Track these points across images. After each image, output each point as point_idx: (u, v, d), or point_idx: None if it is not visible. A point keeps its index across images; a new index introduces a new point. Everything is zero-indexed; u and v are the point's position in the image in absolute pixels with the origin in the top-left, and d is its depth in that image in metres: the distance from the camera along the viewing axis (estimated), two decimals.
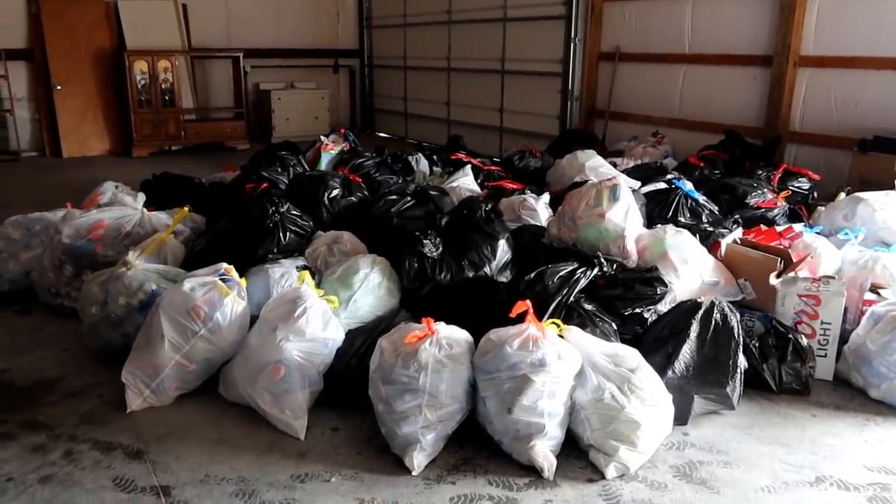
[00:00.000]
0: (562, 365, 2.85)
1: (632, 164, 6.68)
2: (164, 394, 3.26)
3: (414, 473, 2.80)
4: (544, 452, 2.82)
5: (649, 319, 3.55)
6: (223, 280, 3.31)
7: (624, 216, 4.03)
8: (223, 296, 3.23)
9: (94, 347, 3.73)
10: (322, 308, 3.29)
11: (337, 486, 2.73)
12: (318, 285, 3.64)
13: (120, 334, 3.58)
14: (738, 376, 3.24)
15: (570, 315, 3.35)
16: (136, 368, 3.25)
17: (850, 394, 3.56)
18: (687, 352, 3.26)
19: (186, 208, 4.54)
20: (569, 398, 2.92)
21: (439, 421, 2.87)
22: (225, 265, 3.40)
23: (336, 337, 3.27)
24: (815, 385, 3.56)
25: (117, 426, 3.11)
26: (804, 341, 3.56)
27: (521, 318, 2.98)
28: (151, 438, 3.02)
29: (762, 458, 2.99)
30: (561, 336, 3.04)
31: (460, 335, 3.03)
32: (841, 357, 3.69)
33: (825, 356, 3.68)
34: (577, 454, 2.95)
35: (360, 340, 3.41)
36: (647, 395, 2.89)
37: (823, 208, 5.20)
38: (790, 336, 3.55)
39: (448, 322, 3.11)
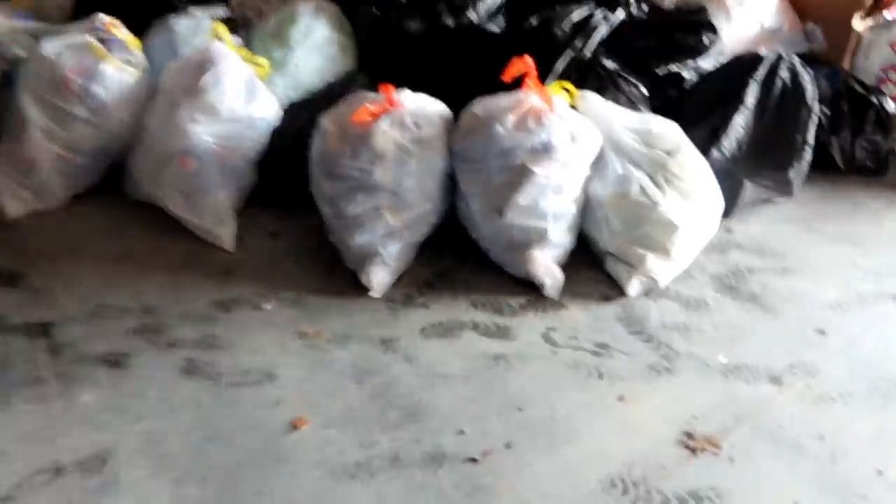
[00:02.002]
0: (574, 149, 2.03)
1: None
2: (50, 194, 2.48)
3: (374, 295, 2.12)
4: (546, 264, 2.12)
5: (689, 80, 2.66)
6: (101, 40, 2.36)
7: None
8: (99, 60, 2.31)
9: None
10: (245, 75, 2.39)
11: (272, 315, 2.07)
12: (249, 45, 2.69)
13: None
14: (807, 156, 2.45)
15: (586, 76, 2.47)
16: (7, 165, 2.43)
17: None
18: (740, 124, 2.44)
19: None
20: (581, 193, 2.15)
21: (405, 227, 2.13)
22: (103, 17, 2.43)
23: (267, 114, 2.41)
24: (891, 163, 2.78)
25: None
26: (891, 106, 2.70)
27: (518, 84, 2.10)
28: (34, 256, 2.30)
29: (828, 263, 2.30)
30: (573, 107, 2.19)
31: (433, 109, 2.18)
32: None
33: None
34: (589, 263, 2.26)
35: (304, 117, 2.55)
36: (689, 186, 2.12)
37: None
38: (872, 99, 2.69)
39: (418, 90, 2.23)
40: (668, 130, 2.18)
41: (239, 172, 2.38)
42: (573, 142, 2.02)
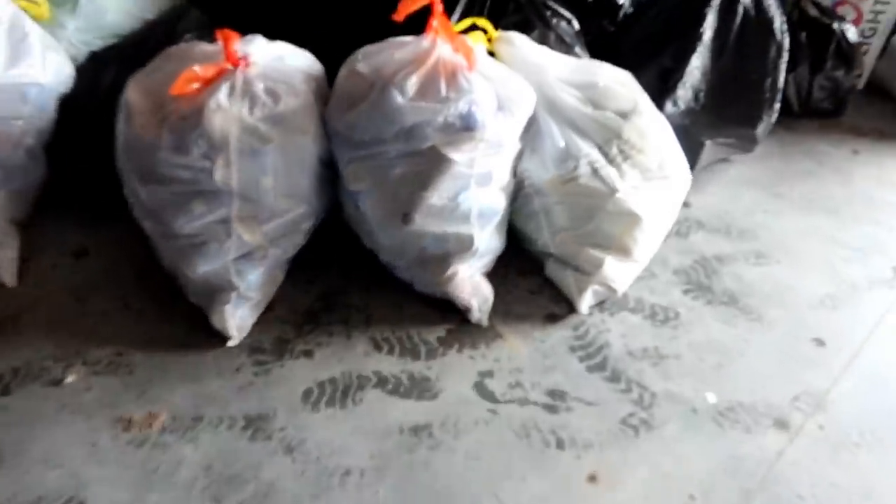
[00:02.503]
0: (505, 121, 1.43)
1: None
2: None
3: (232, 343, 1.48)
4: (472, 282, 1.55)
5: (626, 9, 2.09)
6: None
7: None
8: None
9: None
10: (5, 17, 1.58)
11: (77, 393, 1.39)
12: None
13: None
14: (776, 105, 1.97)
15: (503, 9, 1.83)
16: None
17: (892, 111, 2.43)
18: (697, 67, 1.92)
19: None
20: (512, 176, 1.57)
21: (269, 242, 1.47)
22: None
23: (47, 76, 1.63)
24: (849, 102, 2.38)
25: None
26: (852, 33, 2.27)
27: (419, 25, 1.45)
28: None
29: (805, 240, 1.88)
30: (491, 54, 1.58)
31: (297, 68, 1.49)
32: (885, 54, 2.48)
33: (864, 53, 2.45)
34: (524, 268, 1.71)
35: (111, 74, 1.78)
36: (651, 159, 1.58)
37: None
38: (833, 26, 2.24)
39: (275, 36, 1.54)
40: (618, 83, 1.62)
41: (12, 166, 1.61)
42: (503, 110, 1.41)
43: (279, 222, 1.46)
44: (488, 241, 1.54)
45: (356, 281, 1.64)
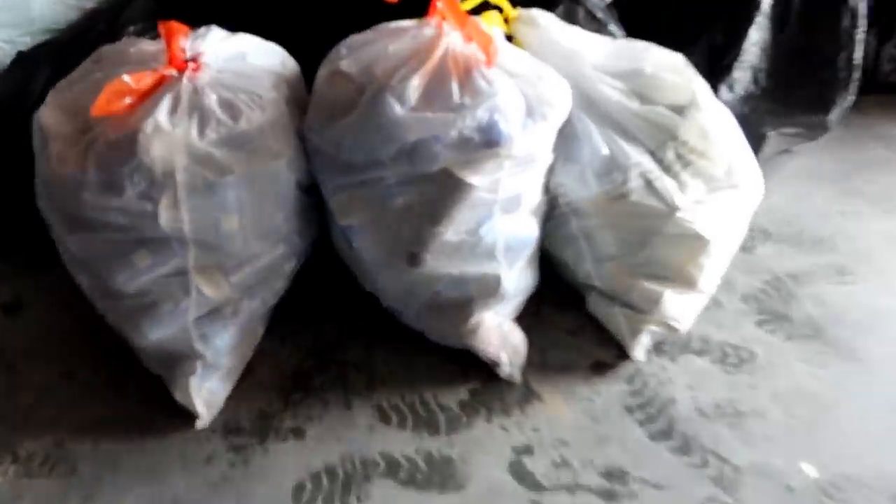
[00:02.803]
0: (536, 130, 1.10)
1: None
2: None
3: (200, 425, 1.17)
4: (500, 331, 1.23)
5: None
6: None
7: None
8: None
9: None
10: None
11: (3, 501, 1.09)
12: None
13: None
14: (853, 85, 1.63)
15: None
16: None
17: None
18: (755, 43, 1.58)
19: None
20: (543, 194, 1.25)
21: (242, 293, 1.16)
22: None
23: None
24: None
25: None
26: None
27: (417, 7, 1.12)
28: None
29: (892, 250, 1.56)
30: (508, 38, 1.25)
31: (262, 65, 1.16)
32: None
33: None
34: (561, 303, 1.39)
35: (42, 80, 1.47)
36: (717, 163, 1.25)
37: None
38: None
39: (239, 27, 1.21)
40: (669, 68, 1.29)
41: None
42: (533, 115, 1.08)
43: (251, 270, 1.15)
44: (518, 280, 1.22)
45: (355, 331, 1.32)
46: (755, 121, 1.55)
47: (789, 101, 1.59)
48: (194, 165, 1.01)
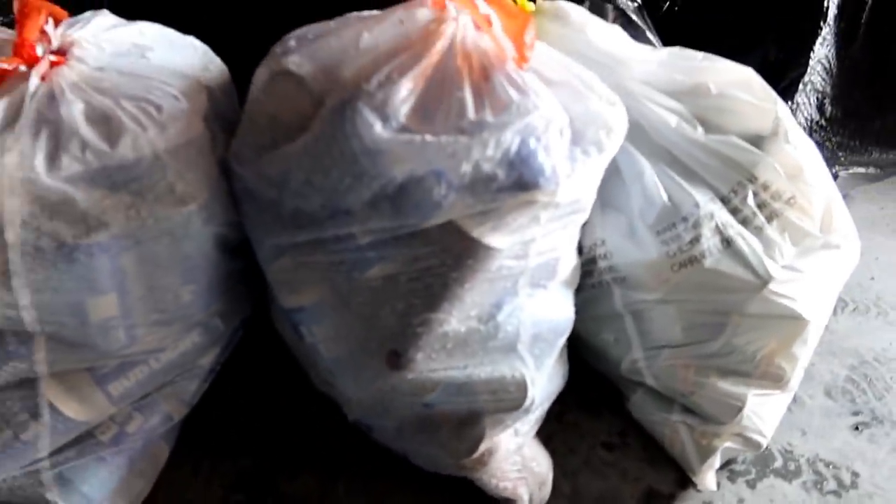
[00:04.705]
0: (583, 162, 0.72)
1: None
2: None
3: None
4: (523, 457, 0.84)
5: None
6: None
7: None
8: None
9: None
10: None
11: None
12: None
13: None
14: None
15: None
16: None
17: None
18: (820, 61, 1.26)
19: None
20: (576, 258, 0.87)
21: (130, 408, 0.75)
22: None
23: None
24: None
25: None
26: None
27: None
28: None
29: None
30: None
31: (172, 65, 0.76)
32: None
33: None
34: (588, 393, 1.01)
35: None
36: (815, 215, 0.91)
37: None
38: None
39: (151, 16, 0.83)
40: (741, 86, 0.94)
41: None
42: (580, 143, 0.71)
43: (144, 373, 0.74)
44: (549, 383, 0.84)
45: (303, 452, 0.92)
46: (823, 158, 1.21)
47: (863, 134, 1.27)
48: (40, 216, 0.61)
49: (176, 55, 0.80)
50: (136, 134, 0.65)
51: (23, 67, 0.68)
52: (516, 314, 0.75)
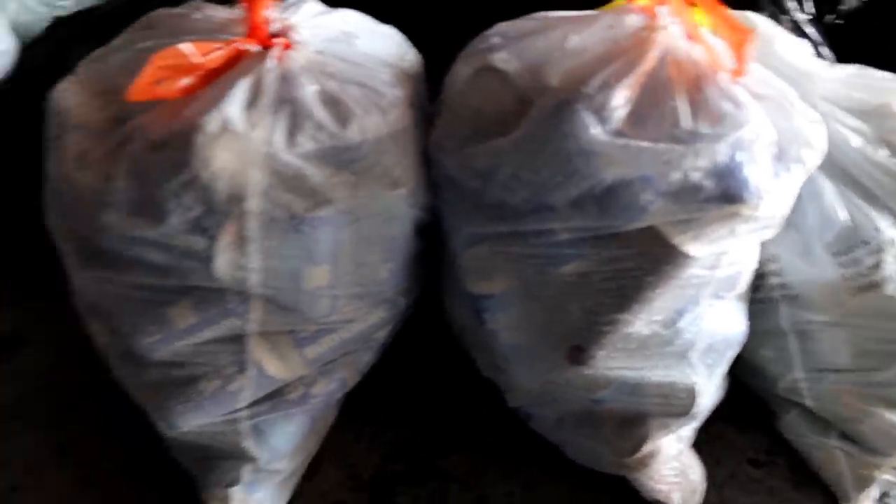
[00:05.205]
0: (785, 178, 0.72)
1: None
2: None
3: None
4: (681, 464, 0.85)
5: None
6: None
7: None
8: None
9: None
10: None
11: None
12: None
13: None
14: None
15: None
16: None
17: None
18: None
19: None
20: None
21: (317, 374, 0.80)
22: None
23: None
24: None
25: None
26: None
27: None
28: None
29: None
30: None
31: (375, 53, 0.81)
32: None
33: None
34: (734, 407, 1.00)
35: (81, 53, 1.13)
36: None
37: None
38: None
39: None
40: None
41: None
42: (784, 160, 0.71)
43: (336, 341, 0.79)
44: (714, 393, 0.84)
45: (459, 430, 0.96)
46: None
47: None
48: (277, 188, 0.67)
49: (378, 43, 0.85)
50: (362, 118, 0.69)
51: (255, 48, 0.74)
52: (696, 322, 0.76)
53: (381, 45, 0.85)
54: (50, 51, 1.19)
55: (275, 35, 0.76)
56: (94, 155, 0.69)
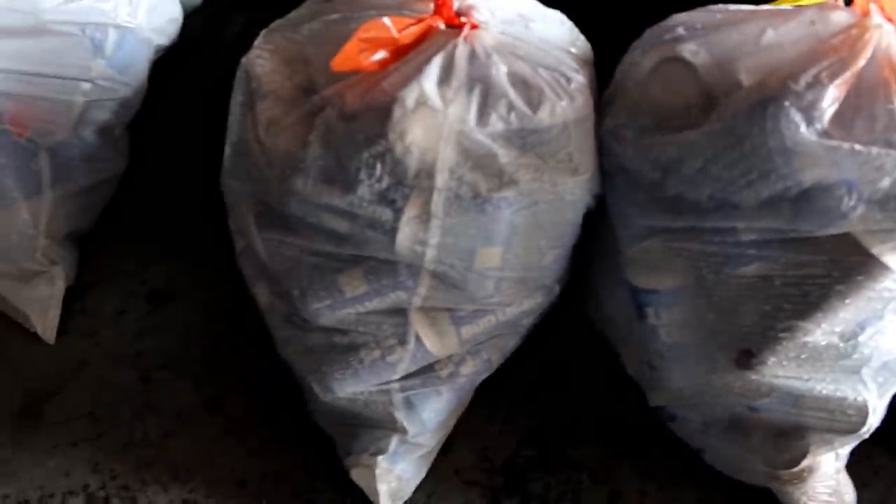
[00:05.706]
0: None
1: None
2: None
3: None
4: (838, 482, 0.82)
5: None
6: None
7: None
8: None
9: None
10: None
11: None
12: None
13: None
14: None
15: None
16: None
17: None
18: None
19: None
20: None
21: (468, 353, 0.81)
22: None
23: (140, 17, 1.01)
24: None
25: None
26: None
27: None
28: None
29: None
30: None
31: (551, 39, 0.79)
32: None
33: None
34: (880, 429, 0.96)
35: (241, 22, 1.21)
36: None
37: None
38: None
39: None
40: None
41: (72, 156, 1.02)
42: None
43: (491, 323, 0.80)
44: (881, 412, 0.80)
45: (594, 421, 0.95)
46: None
47: None
48: (464, 166, 0.67)
49: (551, 28, 0.84)
50: (553, 102, 0.69)
51: (444, 27, 0.74)
52: (876, 338, 0.72)
53: (554, 30, 0.84)
54: (208, 20, 1.24)
55: (458, 14, 0.76)
56: (285, 122, 0.71)
